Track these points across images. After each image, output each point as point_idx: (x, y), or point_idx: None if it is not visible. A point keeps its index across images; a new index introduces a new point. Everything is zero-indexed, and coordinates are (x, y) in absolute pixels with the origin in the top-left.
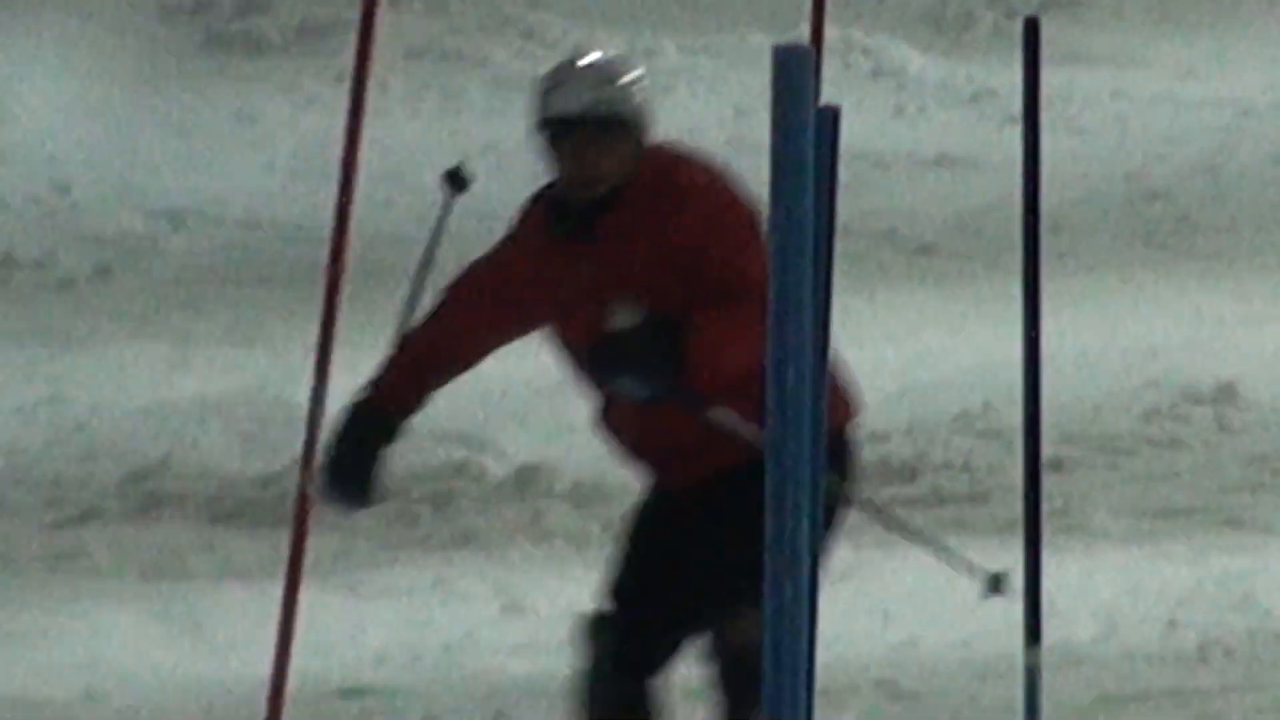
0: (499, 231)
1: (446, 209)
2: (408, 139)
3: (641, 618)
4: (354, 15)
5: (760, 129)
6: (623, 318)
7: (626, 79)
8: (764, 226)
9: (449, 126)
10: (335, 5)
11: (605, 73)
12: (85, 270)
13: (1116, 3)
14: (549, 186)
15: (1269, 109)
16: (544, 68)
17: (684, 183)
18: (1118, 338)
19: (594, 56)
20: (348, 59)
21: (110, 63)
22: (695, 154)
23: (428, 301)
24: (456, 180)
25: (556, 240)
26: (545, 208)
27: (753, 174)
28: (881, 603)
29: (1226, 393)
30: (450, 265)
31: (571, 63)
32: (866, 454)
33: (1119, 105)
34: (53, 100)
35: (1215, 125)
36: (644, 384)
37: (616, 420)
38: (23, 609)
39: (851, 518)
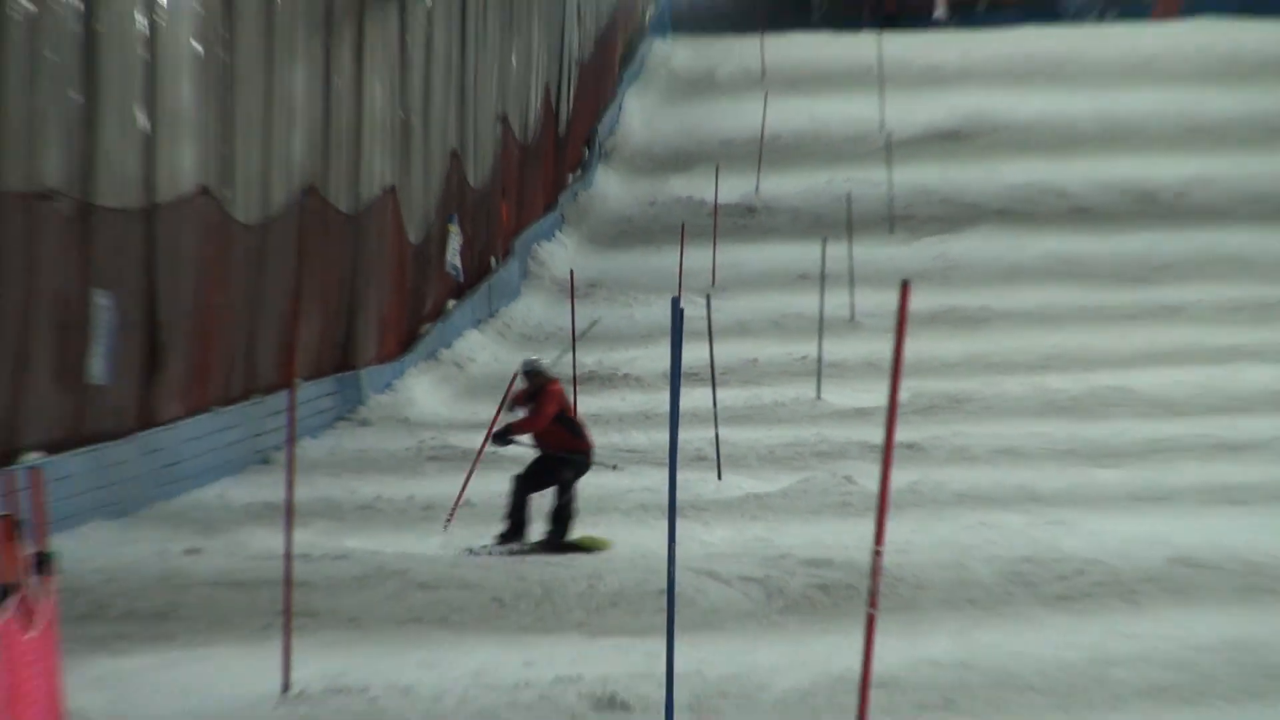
0: None
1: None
2: None
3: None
4: None
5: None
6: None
7: (539, 361)
8: (558, 397)
9: None
10: None
11: (533, 361)
12: None
13: None
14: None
15: None
16: None
17: (547, 389)
18: None
19: (531, 356)
20: None
21: None
22: (554, 380)
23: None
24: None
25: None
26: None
27: None
28: None
29: None
30: None
31: (528, 360)
32: None
33: None
34: None
35: None
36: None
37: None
38: None
39: None
